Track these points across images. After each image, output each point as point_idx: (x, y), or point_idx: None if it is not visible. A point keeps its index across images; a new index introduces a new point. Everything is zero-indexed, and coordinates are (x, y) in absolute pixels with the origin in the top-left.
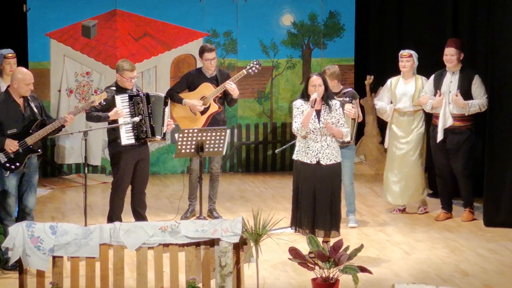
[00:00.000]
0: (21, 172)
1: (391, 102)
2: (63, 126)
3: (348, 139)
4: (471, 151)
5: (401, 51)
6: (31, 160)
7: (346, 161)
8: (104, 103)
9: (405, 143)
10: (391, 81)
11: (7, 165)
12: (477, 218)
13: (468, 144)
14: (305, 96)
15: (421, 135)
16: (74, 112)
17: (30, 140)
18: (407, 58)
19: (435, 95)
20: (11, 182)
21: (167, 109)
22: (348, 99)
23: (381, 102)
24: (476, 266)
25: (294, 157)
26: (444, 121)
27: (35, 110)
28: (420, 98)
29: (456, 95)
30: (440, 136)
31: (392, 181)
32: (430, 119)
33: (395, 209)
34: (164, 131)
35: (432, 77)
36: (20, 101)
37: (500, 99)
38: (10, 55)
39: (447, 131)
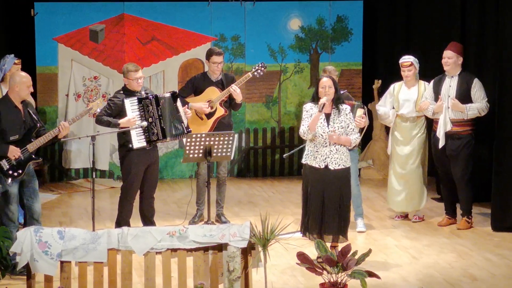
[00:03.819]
0: (20, 179)
1: (394, 108)
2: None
3: (354, 141)
4: (470, 157)
5: (401, 60)
6: (29, 166)
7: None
8: (113, 106)
9: (407, 150)
10: (394, 86)
11: (10, 172)
12: (474, 226)
13: (467, 150)
14: (316, 99)
15: (422, 142)
16: (70, 122)
17: (31, 147)
18: (409, 68)
19: (435, 100)
20: (13, 189)
21: (179, 104)
22: (361, 103)
23: (384, 107)
24: (484, 271)
25: (303, 160)
26: (444, 126)
27: (34, 116)
28: (420, 104)
29: (453, 100)
30: (442, 142)
31: (394, 188)
32: (431, 126)
33: (397, 215)
34: (185, 125)
35: (432, 82)
36: (20, 107)
37: (508, 103)
38: (17, 61)
39: (446, 136)
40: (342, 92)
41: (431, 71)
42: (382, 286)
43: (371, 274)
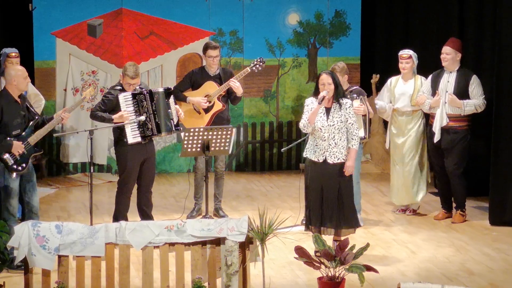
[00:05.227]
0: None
1: (391, 102)
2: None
3: (356, 146)
4: (464, 151)
5: (400, 52)
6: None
7: None
8: (108, 102)
9: (402, 143)
10: (391, 80)
11: (14, 167)
12: (468, 220)
13: (462, 144)
14: (317, 94)
15: (419, 136)
16: (69, 110)
17: (32, 140)
18: (407, 60)
19: (432, 95)
20: (15, 184)
21: (171, 101)
22: (355, 95)
23: (381, 101)
24: (481, 265)
25: (304, 154)
26: (441, 121)
27: (32, 109)
28: (417, 98)
29: (450, 95)
30: (437, 137)
31: (393, 182)
32: (428, 120)
33: (398, 209)
34: (175, 123)
35: (430, 77)
36: (19, 101)
37: (505, 98)
38: (13, 54)
39: (442, 131)
40: (354, 87)
41: (429, 65)
42: (380, 281)
43: (369, 268)
